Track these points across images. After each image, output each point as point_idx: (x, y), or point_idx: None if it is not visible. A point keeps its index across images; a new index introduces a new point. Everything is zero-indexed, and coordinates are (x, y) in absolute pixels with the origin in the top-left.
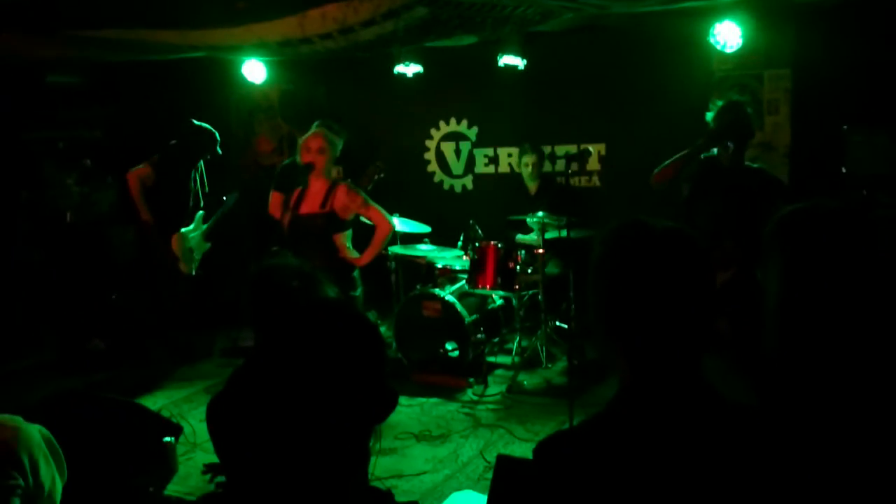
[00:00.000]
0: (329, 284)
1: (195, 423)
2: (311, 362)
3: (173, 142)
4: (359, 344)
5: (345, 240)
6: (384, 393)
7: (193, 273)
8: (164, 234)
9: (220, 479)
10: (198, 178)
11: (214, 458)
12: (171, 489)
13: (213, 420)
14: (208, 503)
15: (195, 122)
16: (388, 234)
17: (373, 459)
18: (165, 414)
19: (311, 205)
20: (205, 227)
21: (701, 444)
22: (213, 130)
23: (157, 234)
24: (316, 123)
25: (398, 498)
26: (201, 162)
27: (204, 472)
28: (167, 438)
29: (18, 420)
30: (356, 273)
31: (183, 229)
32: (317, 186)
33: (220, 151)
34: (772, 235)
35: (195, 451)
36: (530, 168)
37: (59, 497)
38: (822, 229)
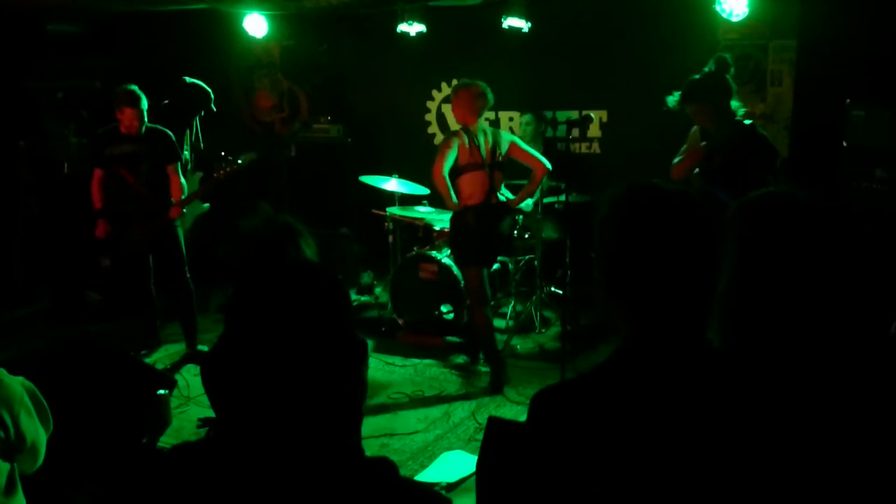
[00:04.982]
0: (308, 238)
1: (189, 377)
2: (278, 321)
3: (165, 102)
4: (321, 301)
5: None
6: (353, 343)
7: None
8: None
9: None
10: (191, 137)
11: (209, 412)
12: (164, 441)
13: (206, 374)
14: (185, 450)
15: (187, 78)
16: None
17: (366, 418)
18: (160, 367)
19: None
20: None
21: (699, 401)
22: (206, 87)
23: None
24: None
25: (387, 456)
26: (196, 119)
27: (199, 426)
28: (161, 391)
29: (0, 372)
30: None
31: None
32: None
33: (214, 108)
34: (732, 220)
35: (189, 405)
36: (520, 129)
37: (43, 448)
38: (780, 221)
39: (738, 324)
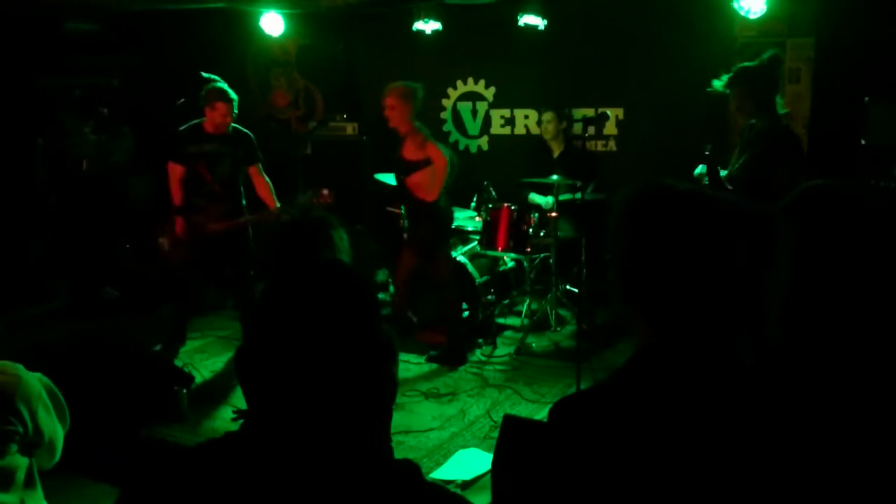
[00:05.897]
0: (340, 231)
1: (206, 374)
2: (307, 317)
3: (182, 100)
4: (348, 299)
5: None
6: (380, 341)
7: None
8: None
9: None
10: None
11: (228, 408)
12: (182, 437)
13: (239, 364)
14: (213, 446)
15: (204, 73)
16: None
17: None
18: (178, 363)
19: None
20: None
21: (720, 409)
22: (223, 82)
23: None
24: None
25: (403, 453)
26: None
27: (234, 419)
28: (178, 387)
29: (19, 368)
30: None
31: None
32: None
33: None
34: (787, 212)
35: (206, 401)
36: (543, 126)
37: (60, 444)
38: (845, 211)
39: (799, 323)
